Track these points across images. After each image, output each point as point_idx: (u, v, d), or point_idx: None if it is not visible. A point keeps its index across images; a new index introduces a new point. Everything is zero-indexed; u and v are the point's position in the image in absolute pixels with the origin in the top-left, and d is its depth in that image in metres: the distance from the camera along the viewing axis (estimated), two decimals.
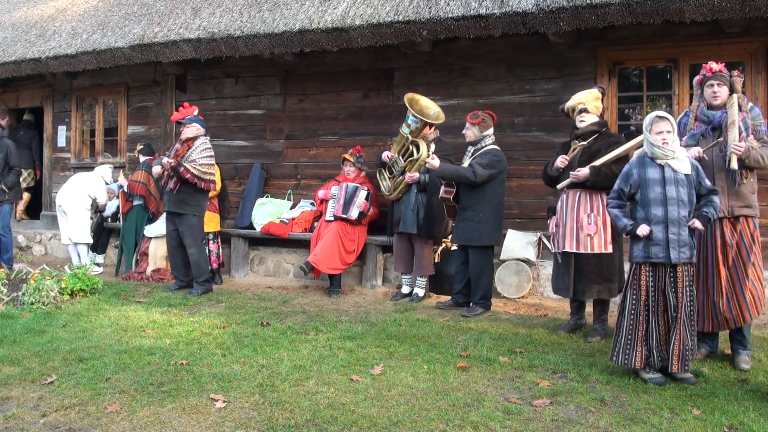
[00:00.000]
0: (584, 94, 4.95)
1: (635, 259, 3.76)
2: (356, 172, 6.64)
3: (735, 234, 3.97)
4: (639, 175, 3.75)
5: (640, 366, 3.71)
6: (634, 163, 3.83)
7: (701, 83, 4.15)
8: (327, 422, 3.12)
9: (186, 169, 6.11)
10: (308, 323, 5.12)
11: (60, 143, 9.44)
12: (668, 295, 3.67)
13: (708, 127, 4.07)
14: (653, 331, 3.68)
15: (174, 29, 7.12)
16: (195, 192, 6.30)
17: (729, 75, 4.04)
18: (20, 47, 8.34)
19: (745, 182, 3.97)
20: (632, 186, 3.78)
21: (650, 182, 3.70)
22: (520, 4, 5.41)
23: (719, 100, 4.04)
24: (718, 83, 4.03)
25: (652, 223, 3.68)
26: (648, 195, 3.70)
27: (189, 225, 6.33)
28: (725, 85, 4.03)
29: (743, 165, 3.92)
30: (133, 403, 3.38)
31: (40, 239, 8.99)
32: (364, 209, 6.36)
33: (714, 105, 4.07)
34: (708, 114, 4.08)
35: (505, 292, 6.09)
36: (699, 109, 4.15)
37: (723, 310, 3.95)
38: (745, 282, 3.94)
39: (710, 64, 4.09)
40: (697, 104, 4.18)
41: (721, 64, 4.08)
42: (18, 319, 5.21)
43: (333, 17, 6.20)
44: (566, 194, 4.82)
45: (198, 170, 6.19)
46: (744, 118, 4.00)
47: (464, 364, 4.02)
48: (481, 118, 5.52)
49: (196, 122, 6.38)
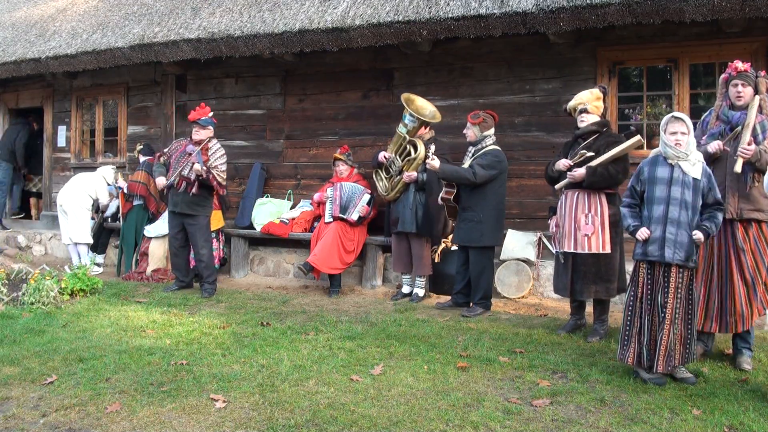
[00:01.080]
0: (585, 94, 4.94)
1: (635, 257, 3.79)
2: (349, 169, 6.64)
3: (747, 239, 3.95)
4: (649, 172, 3.76)
5: (632, 363, 3.73)
6: (647, 161, 3.84)
7: (726, 81, 4.08)
8: (327, 422, 3.12)
9: (214, 177, 6.15)
10: (308, 323, 5.12)
11: (60, 143, 9.44)
12: (658, 295, 3.67)
13: (727, 127, 4.04)
14: (645, 329, 3.70)
15: (174, 29, 7.12)
16: (207, 194, 6.34)
17: (755, 75, 3.99)
18: (20, 47, 8.34)
19: (757, 185, 3.94)
20: (642, 183, 3.79)
21: (658, 180, 3.70)
22: (520, 4, 5.41)
23: (743, 101, 3.99)
24: (742, 83, 3.98)
25: (652, 222, 3.69)
26: (653, 193, 3.71)
27: (200, 226, 6.34)
28: (750, 85, 3.98)
29: (755, 168, 3.90)
30: (133, 403, 3.38)
31: (40, 239, 8.98)
32: (365, 214, 6.37)
33: (737, 105, 4.02)
34: (728, 114, 4.05)
35: (505, 292, 6.09)
36: (720, 109, 4.11)
37: (735, 313, 3.95)
38: (759, 286, 3.94)
39: (736, 62, 4.03)
40: (720, 103, 4.14)
41: (747, 64, 4.02)
42: (18, 319, 5.21)
43: (333, 17, 6.20)
44: (565, 194, 4.82)
45: (221, 177, 6.25)
46: (762, 120, 3.95)
47: (464, 364, 4.02)
48: (482, 118, 5.52)
49: (211, 124, 6.35)
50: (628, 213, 3.85)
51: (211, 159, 6.22)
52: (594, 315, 4.81)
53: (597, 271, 4.65)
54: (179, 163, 6.28)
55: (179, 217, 6.38)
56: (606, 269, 4.66)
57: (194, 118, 6.30)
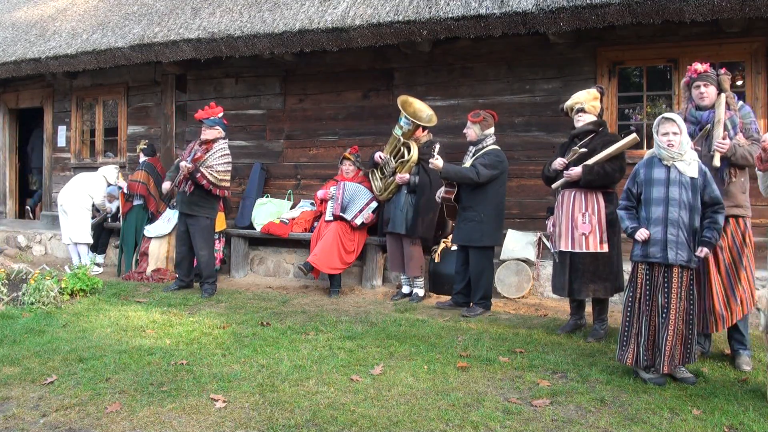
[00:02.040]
0: (582, 94, 4.94)
1: (634, 258, 3.78)
2: (355, 171, 6.65)
3: (725, 236, 3.93)
4: (645, 174, 3.76)
5: (631, 363, 3.73)
6: (642, 162, 3.84)
7: (688, 85, 4.16)
8: (327, 422, 3.12)
9: (202, 175, 6.09)
10: (308, 323, 5.12)
11: (60, 143, 9.44)
12: (658, 296, 3.67)
13: (696, 128, 4.07)
14: (643, 330, 3.70)
15: (174, 29, 7.12)
16: (208, 195, 6.30)
17: (716, 74, 4.03)
18: (20, 47, 8.35)
19: (734, 181, 3.96)
20: (638, 185, 3.79)
21: (655, 182, 3.70)
22: (520, 4, 5.41)
23: (707, 101, 4.04)
24: (704, 84, 4.03)
25: (651, 223, 3.68)
26: (651, 194, 3.71)
27: (200, 227, 6.34)
28: (712, 84, 4.03)
29: (730, 163, 3.91)
30: (133, 403, 3.38)
31: (40, 239, 8.98)
32: (368, 221, 6.37)
33: (703, 105, 4.06)
34: (696, 114, 4.09)
35: (505, 292, 6.09)
36: (687, 111, 4.15)
37: (715, 312, 3.94)
38: (737, 284, 3.93)
39: (695, 65, 4.10)
40: (686, 106, 4.20)
41: (706, 65, 4.08)
42: (18, 319, 5.21)
43: (333, 17, 6.21)
44: (562, 194, 4.82)
45: (214, 177, 6.16)
46: (732, 116, 3.99)
47: (464, 364, 4.02)
48: (482, 117, 5.52)
49: (219, 125, 6.30)
50: (626, 215, 3.84)
51: (208, 159, 6.18)
52: (593, 315, 4.81)
53: (595, 270, 4.65)
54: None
55: (183, 216, 6.40)
56: (604, 268, 4.66)
57: (200, 117, 6.29)
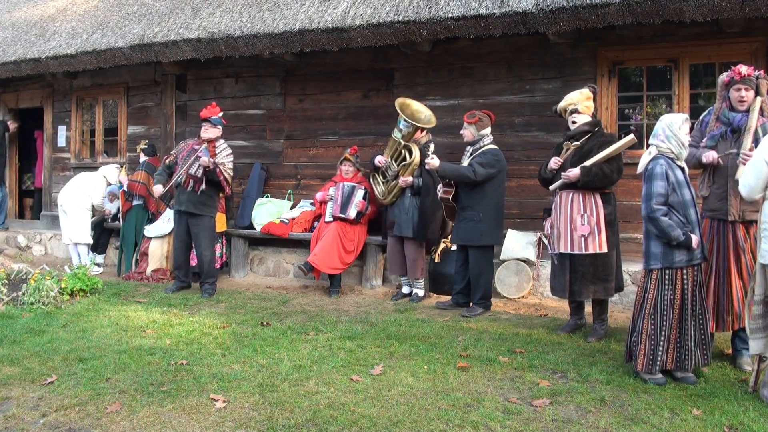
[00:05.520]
0: (575, 95, 4.93)
1: (678, 264, 3.65)
2: (354, 171, 6.64)
3: (748, 238, 3.96)
4: (674, 177, 3.68)
5: (671, 367, 3.69)
6: (663, 164, 3.69)
7: (727, 84, 4.06)
8: (327, 422, 3.12)
9: (221, 171, 6.17)
10: (308, 323, 5.12)
11: (60, 143, 9.44)
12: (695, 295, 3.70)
13: (728, 129, 4.04)
14: (691, 332, 3.68)
15: (174, 29, 7.12)
16: (214, 194, 6.36)
17: (756, 77, 3.99)
18: (20, 47, 8.34)
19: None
20: (672, 189, 3.67)
21: (682, 184, 3.68)
22: (520, 4, 5.41)
23: (746, 105, 3.99)
24: (746, 88, 3.97)
25: (693, 225, 3.68)
26: (684, 196, 3.67)
27: (204, 226, 6.35)
28: (752, 89, 3.98)
29: None
30: (133, 403, 3.38)
31: (40, 239, 8.98)
32: (362, 209, 6.36)
33: (741, 110, 4.01)
34: (728, 115, 4.04)
35: (505, 292, 6.09)
36: (721, 110, 4.10)
37: (732, 312, 3.95)
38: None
39: (739, 67, 4.01)
40: (720, 105, 4.13)
41: (750, 68, 4.01)
42: (18, 319, 5.22)
43: (333, 17, 6.20)
44: (560, 195, 4.81)
45: (228, 174, 6.30)
46: (764, 123, 3.94)
47: (464, 364, 4.02)
48: (477, 117, 5.52)
49: (221, 124, 6.39)
50: (673, 223, 3.62)
51: (218, 156, 6.27)
52: (593, 315, 4.81)
53: (595, 271, 4.65)
54: (186, 161, 6.28)
55: (184, 216, 6.38)
56: (604, 269, 4.66)
57: (206, 116, 6.34)
